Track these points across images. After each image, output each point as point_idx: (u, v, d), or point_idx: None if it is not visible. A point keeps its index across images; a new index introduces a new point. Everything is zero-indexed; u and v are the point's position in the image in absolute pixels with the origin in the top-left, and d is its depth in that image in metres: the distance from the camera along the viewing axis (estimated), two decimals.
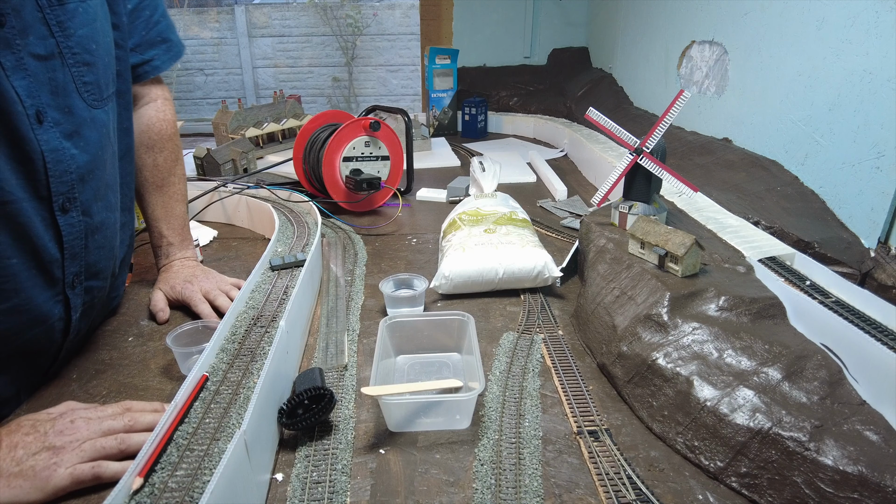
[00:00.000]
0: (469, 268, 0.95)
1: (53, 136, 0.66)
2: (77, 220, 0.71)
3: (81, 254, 0.74)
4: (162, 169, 0.96)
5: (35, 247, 0.67)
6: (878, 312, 0.72)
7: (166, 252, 0.98)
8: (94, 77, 0.72)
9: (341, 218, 1.33)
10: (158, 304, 0.90)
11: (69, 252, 0.71)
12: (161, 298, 0.91)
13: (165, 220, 0.97)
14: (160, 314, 0.89)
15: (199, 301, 0.89)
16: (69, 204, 0.70)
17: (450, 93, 2.20)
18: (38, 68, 0.64)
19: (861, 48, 1.01)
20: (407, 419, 0.67)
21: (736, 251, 0.88)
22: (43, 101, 0.65)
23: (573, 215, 1.35)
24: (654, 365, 0.68)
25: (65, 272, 0.72)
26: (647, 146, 0.90)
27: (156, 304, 0.90)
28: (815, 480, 0.53)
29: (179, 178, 0.99)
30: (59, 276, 0.71)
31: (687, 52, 1.61)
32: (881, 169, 0.97)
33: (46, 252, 0.68)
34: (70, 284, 0.73)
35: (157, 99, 0.96)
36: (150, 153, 0.94)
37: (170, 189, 0.97)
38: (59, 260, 0.71)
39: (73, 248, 0.72)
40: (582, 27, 2.44)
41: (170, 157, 0.97)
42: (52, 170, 0.66)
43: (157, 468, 0.52)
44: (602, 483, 0.58)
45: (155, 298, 0.91)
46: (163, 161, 0.96)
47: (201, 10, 4.75)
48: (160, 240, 0.97)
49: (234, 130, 1.78)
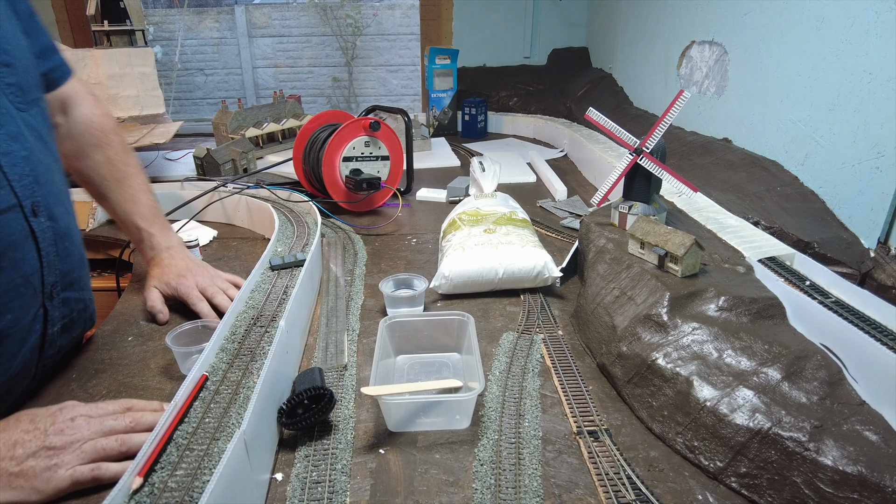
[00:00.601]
0: (469, 268, 0.95)
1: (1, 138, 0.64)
2: (46, 225, 0.69)
3: (55, 262, 0.71)
4: (116, 163, 0.92)
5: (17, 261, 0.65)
6: (877, 312, 0.72)
7: (150, 244, 0.94)
8: (15, 79, 0.69)
9: (341, 218, 1.33)
10: (157, 305, 0.89)
11: (46, 260, 0.69)
12: (158, 297, 0.90)
13: (138, 213, 0.93)
14: (160, 315, 0.88)
15: (197, 299, 0.88)
16: (36, 208, 0.68)
17: (450, 93, 2.20)
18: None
19: (861, 48, 1.01)
20: (407, 419, 0.67)
21: (736, 251, 0.88)
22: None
23: (573, 215, 1.35)
24: (653, 365, 0.68)
25: (44, 283, 0.69)
26: (647, 146, 0.90)
27: (153, 304, 0.89)
28: (815, 480, 0.53)
29: (136, 169, 0.95)
30: (38, 288, 0.69)
31: (687, 52, 1.61)
32: (881, 169, 0.97)
33: (27, 263, 0.66)
34: (49, 295, 0.71)
35: (85, 96, 0.92)
36: (99, 150, 0.91)
37: (131, 181, 0.93)
38: (39, 270, 0.68)
39: (48, 254, 0.70)
40: (582, 27, 2.44)
41: (119, 150, 0.93)
42: (9, 174, 0.64)
43: (157, 468, 0.52)
44: (602, 483, 0.58)
45: (152, 298, 0.89)
46: (114, 155, 0.92)
47: (201, 10, 4.75)
48: (139, 234, 0.94)
49: (234, 130, 1.78)
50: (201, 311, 0.87)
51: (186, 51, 4.75)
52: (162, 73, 2.55)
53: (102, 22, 1.90)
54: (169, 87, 3.61)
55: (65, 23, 2.25)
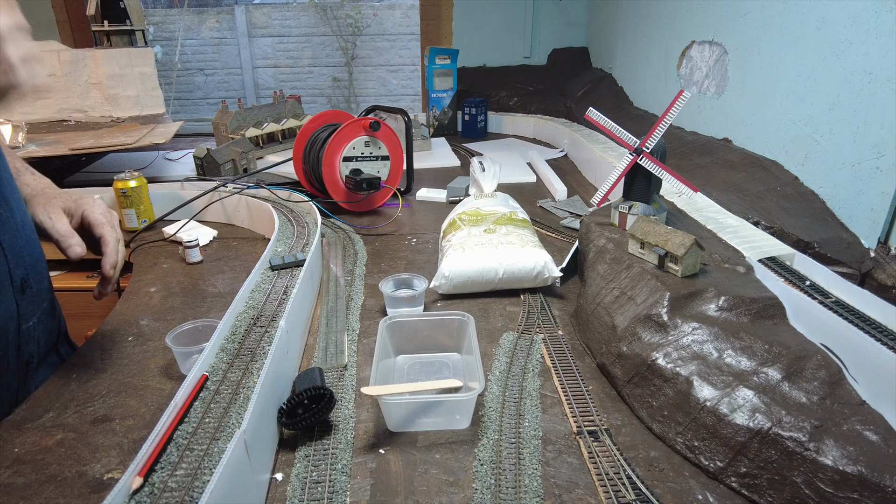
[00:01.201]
0: (469, 268, 0.95)
1: None
2: (6, 215, 0.66)
3: (21, 253, 0.69)
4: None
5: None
6: (877, 312, 0.72)
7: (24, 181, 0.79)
8: None
9: (341, 218, 1.33)
10: (71, 238, 0.73)
11: (10, 251, 0.67)
12: (68, 228, 0.74)
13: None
14: (77, 249, 0.73)
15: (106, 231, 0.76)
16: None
17: (450, 93, 2.20)
18: None
19: (861, 48, 1.01)
20: (407, 419, 0.67)
21: (736, 251, 0.88)
22: None
23: (573, 215, 1.35)
24: (653, 365, 0.68)
25: (12, 276, 0.67)
26: (647, 146, 0.90)
27: (69, 236, 0.73)
28: (815, 480, 0.53)
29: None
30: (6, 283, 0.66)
31: (687, 52, 1.61)
32: (881, 169, 0.97)
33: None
34: (20, 289, 0.69)
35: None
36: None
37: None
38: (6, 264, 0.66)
39: (14, 246, 0.67)
40: (582, 27, 2.44)
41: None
42: None
43: (157, 468, 0.52)
44: (602, 483, 0.58)
45: (62, 230, 0.73)
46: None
47: (201, 10, 4.75)
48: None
49: (234, 130, 1.78)
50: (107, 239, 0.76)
51: (186, 51, 4.75)
52: (162, 73, 2.55)
53: (102, 22, 1.90)
54: (169, 87, 3.61)
55: (65, 23, 2.25)
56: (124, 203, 1.23)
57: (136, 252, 1.16)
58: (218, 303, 0.95)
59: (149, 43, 2.00)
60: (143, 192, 1.25)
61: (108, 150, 1.60)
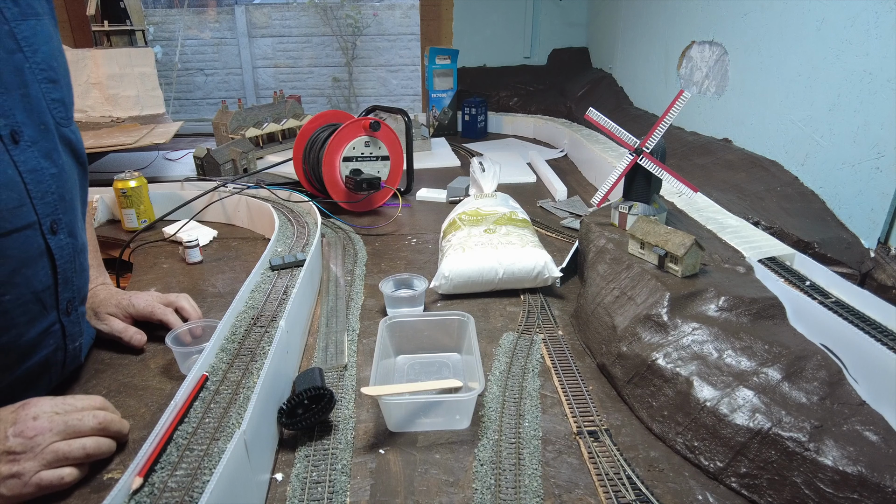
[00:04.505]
0: (469, 268, 0.95)
1: (31, 155, 0.63)
2: (66, 242, 0.69)
3: (73, 278, 0.71)
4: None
5: (29, 277, 0.64)
6: (877, 313, 0.72)
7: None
8: (59, 94, 0.69)
9: (341, 218, 1.33)
10: (128, 331, 0.82)
11: (62, 277, 0.69)
12: (123, 324, 0.83)
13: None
14: (137, 336, 0.82)
15: (164, 311, 0.84)
16: (56, 225, 0.67)
17: (450, 93, 2.20)
18: (11, 83, 0.61)
19: (861, 48, 1.01)
20: (407, 419, 0.67)
21: (736, 251, 0.88)
22: (18, 120, 0.62)
23: (573, 215, 1.35)
24: (653, 365, 0.68)
25: (58, 298, 0.69)
26: (647, 146, 0.90)
27: (125, 330, 0.82)
28: (815, 481, 0.53)
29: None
30: (51, 304, 0.68)
31: (687, 52, 1.61)
32: (881, 169, 0.97)
33: (38, 280, 0.65)
34: (65, 311, 0.70)
35: None
36: None
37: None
38: (53, 286, 0.68)
39: (66, 272, 0.69)
40: (582, 27, 2.44)
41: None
42: (33, 191, 0.63)
43: (157, 468, 0.52)
44: (602, 483, 0.58)
45: (118, 327, 0.82)
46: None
47: (201, 11, 4.75)
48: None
49: (234, 130, 1.78)
50: (171, 321, 0.83)
51: (186, 51, 4.75)
52: (162, 73, 2.55)
53: (102, 22, 1.90)
54: (169, 87, 3.60)
55: (65, 23, 2.25)
56: (124, 203, 1.23)
57: (136, 252, 1.16)
58: (218, 303, 0.95)
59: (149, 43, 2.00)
60: (143, 192, 1.25)
61: (109, 150, 1.60)
